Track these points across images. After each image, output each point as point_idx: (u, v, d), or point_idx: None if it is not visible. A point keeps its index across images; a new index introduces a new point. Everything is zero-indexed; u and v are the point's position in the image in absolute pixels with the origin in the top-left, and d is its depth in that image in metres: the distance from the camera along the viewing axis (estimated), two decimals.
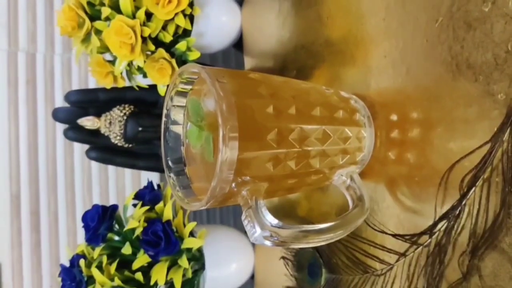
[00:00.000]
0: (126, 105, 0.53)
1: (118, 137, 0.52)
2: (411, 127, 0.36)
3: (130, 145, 0.54)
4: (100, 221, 0.45)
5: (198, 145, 0.36)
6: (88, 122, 0.51)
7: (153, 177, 0.80)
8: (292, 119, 0.33)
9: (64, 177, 0.72)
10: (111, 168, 0.77)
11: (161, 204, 0.49)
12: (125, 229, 0.46)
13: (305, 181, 0.36)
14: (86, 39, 0.47)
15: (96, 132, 0.53)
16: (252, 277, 0.55)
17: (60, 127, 0.73)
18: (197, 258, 0.49)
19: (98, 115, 0.52)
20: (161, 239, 0.45)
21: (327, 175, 0.37)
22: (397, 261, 0.37)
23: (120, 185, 0.77)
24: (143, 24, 0.46)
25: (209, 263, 0.50)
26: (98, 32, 0.47)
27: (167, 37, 0.48)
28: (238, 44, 0.58)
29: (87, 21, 0.45)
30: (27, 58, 0.71)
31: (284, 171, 0.33)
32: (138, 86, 0.52)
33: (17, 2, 0.70)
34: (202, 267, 0.50)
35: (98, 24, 0.46)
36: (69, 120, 0.53)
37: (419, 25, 0.35)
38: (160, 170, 0.57)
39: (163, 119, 0.39)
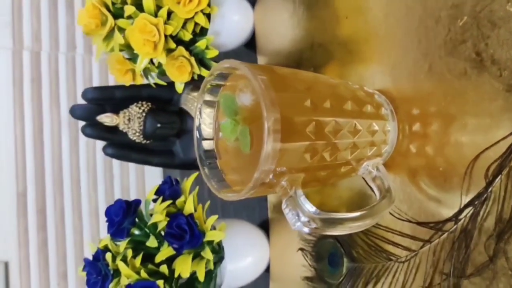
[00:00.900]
0: (144, 102, 0.54)
1: (137, 134, 0.53)
2: (434, 121, 0.38)
3: (147, 142, 0.54)
4: (125, 215, 0.46)
5: (233, 138, 0.37)
6: (107, 118, 0.52)
7: (156, 174, 0.81)
8: (327, 112, 0.35)
9: (69, 175, 0.72)
10: (115, 166, 0.77)
11: (181, 198, 0.50)
12: (149, 222, 0.47)
13: (336, 172, 0.38)
14: (107, 37, 0.48)
15: (112, 129, 0.54)
16: (267, 270, 0.57)
17: (65, 125, 0.73)
18: (216, 251, 0.51)
19: (115, 112, 0.53)
20: (186, 232, 0.46)
21: (354, 167, 0.39)
22: (421, 247, 0.39)
23: (124, 183, 0.78)
24: (165, 23, 0.47)
25: (227, 255, 0.51)
26: (121, 30, 0.48)
27: (187, 36, 0.49)
28: (249, 43, 0.59)
29: (111, 19, 0.46)
30: (32, 56, 0.71)
31: (319, 162, 0.35)
32: (156, 83, 0.53)
33: (21, 1, 0.70)
34: (219, 260, 0.52)
35: (121, 22, 0.47)
36: (87, 117, 0.53)
37: (441, 23, 0.37)
38: (173, 166, 0.58)
39: (196, 114, 0.40)
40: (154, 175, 0.81)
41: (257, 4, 0.58)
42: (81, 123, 0.75)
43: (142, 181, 0.80)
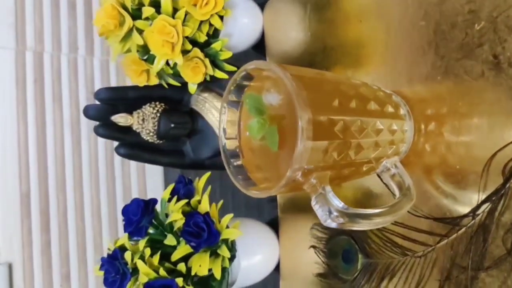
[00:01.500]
0: (157, 103, 0.54)
1: (151, 134, 0.53)
2: (450, 120, 0.40)
3: (160, 142, 0.55)
4: (143, 214, 0.47)
5: (259, 137, 0.38)
6: (121, 119, 0.52)
7: (157, 174, 0.81)
8: (353, 112, 0.36)
9: (72, 176, 0.72)
10: (117, 166, 0.77)
11: (195, 197, 0.51)
12: (167, 221, 0.47)
13: (358, 170, 0.39)
14: (124, 38, 0.48)
15: (125, 129, 0.54)
16: (275, 269, 0.58)
17: (67, 126, 0.73)
18: (230, 249, 0.51)
19: (127, 112, 0.54)
20: (203, 230, 0.47)
21: (374, 165, 0.40)
22: (438, 242, 0.41)
23: (126, 184, 0.78)
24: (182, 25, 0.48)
25: (240, 253, 0.52)
26: (138, 31, 0.48)
27: (202, 37, 0.50)
28: (257, 45, 0.60)
29: (129, 20, 0.47)
30: (35, 57, 0.70)
31: (345, 160, 0.36)
32: (167, 84, 0.54)
33: (24, 2, 0.70)
34: (232, 258, 0.52)
35: (139, 23, 0.48)
36: (100, 117, 0.53)
37: (458, 28, 0.39)
38: (183, 166, 0.59)
39: (220, 115, 0.41)
40: (154, 176, 0.82)
41: (266, 7, 0.59)
42: (83, 124, 0.76)
43: (143, 181, 0.80)
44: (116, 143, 0.57)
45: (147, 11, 0.47)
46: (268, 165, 0.40)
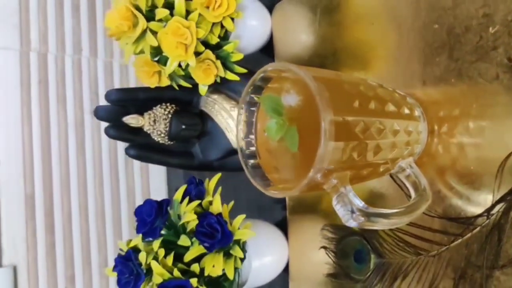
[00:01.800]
0: (168, 104, 0.54)
1: (162, 135, 0.53)
2: (464, 122, 0.41)
3: (171, 143, 0.55)
4: (157, 215, 0.47)
5: (277, 138, 0.38)
6: (133, 120, 0.52)
7: (160, 176, 0.81)
8: (373, 113, 0.37)
9: (76, 177, 0.72)
10: (120, 168, 0.77)
11: (206, 198, 0.51)
12: (181, 222, 0.47)
13: (375, 171, 0.40)
14: (137, 40, 0.49)
15: (135, 130, 0.54)
16: (284, 269, 0.58)
17: (72, 127, 0.73)
18: (241, 249, 0.52)
19: (138, 113, 0.54)
20: (217, 231, 0.47)
21: (390, 166, 0.41)
22: (452, 242, 0.41)
23: (130, 185, 0.78)
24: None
25: (251, 254, 0.53)
26: (152, 33, 0.48)
27: (214, 39, 0.51)
28: (265, 48, 0.61)
29: (143, 21, 0.47)
30: (39, 58, 0.70)
31: (364, 161, 0.37)
32: (177, 86, 0.54)
33: (28, 2, 0.69)
34: (242, 258, 0.53)
35: (153, 24, 0.48)
36: (111, 118, 0.53)
37: (472, 31, 0.40)
38: (192, 167, 0.59)
39: (238, 116, 0.41)
40: (157, 177, 0.82)
41: (275, 9, 0.59)
42: (87, 125, 0.76)
43: (146, 182, 0.80)
44: (125, 144, 0.57)
45: (161, 12, 0.47)
46: (285, 166, 0.41)
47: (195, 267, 0.47)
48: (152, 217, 0.47)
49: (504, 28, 0.38)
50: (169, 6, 0.49)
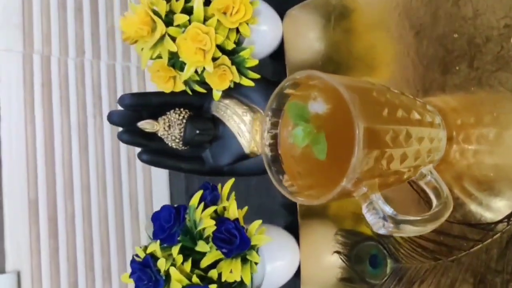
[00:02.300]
0: (182, 109, 0.54)
1: (177, 140, 0.53)
2: (483, 129, 0.42)
3: (185, 148, 0.55)
4: (175, 221, 0.47)
5: (303, 145, 0.38)
6: (148, 125, 0.52)
7: (163, 181, 0.81)
8: (400, 121, 0.37)
9: (79, 182, 0.71)
10: (123, 172, 0.76)
11: (221, 204, 0.51)
12: (199, 228, 0.47)
13: (400, 178, 0.40)
14: (155, 45, 0.48)
15: (148, 135, 0.54)
16: (296, 274, 0.58)
17: (75, 131, 0.72)
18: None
19: (151, 118, 0.53)
20: (235, 237, 0.47)
21: (412, 173, 0.41)
22: (472, 247, 0.42)
23: (132, 190, 0.77)
24: None
25: (265, 259, 0.53)
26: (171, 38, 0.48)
27: (230, 45, 0.51)
28: (274, 54, 0.61)
29: (162, 26, 0.47)
30: (42, 61, 0.69)
31: (392, 168, 0.37)
32: (192, 91, 0.54)
33: (31, 4, 0.68)
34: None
35: (171, 30, 0.48)
36: (124, 123, 0.53)
37: (493, 41, 0.41)
38: (203, 172, 0.59)
39: (265, 122, 0.41)
40: (160, 181, 0.81)
41: (286, 15, 0.60)
42: (90, 129, 0.75)
43: (149, 187, 0.80)
44: (127, 148, 0.56)
45: (180, 18, 0.47)
46: (311, 173, 0.41)
47: (213, 273, 0.47)
48: (170, 223, 0.46)
49: None
50: (187, 11, 0.49)
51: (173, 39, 0.48)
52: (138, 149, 0.81)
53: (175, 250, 0.46)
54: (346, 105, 0.35)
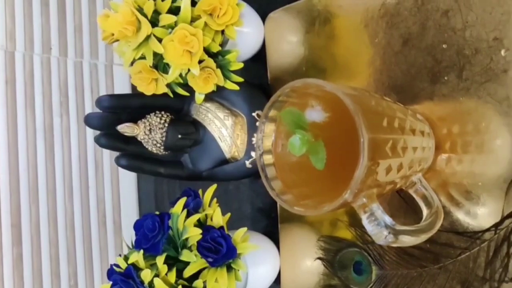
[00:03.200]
0: (163, 113, 0.52)
1: (158, 145, 0.51)
2: (472, 138, 0.42)
3: (166, 153, 0.53)
4: (160, 230, 0.45)
5: (301, 154, 0.38)
6: (128, 129, 0.50)
7: (131, 184, 0.78)
8: (398, 131, 0.37)
9: (45, 186, 0.67)
10: (91, 175, 0.73)
11: (206, 211, 0.50)
12: (184, 236, 0.46)
13: (394, 187, 0.40)
14: (139, 46, 0.46)
15: (126, 139, 0.52)
16: (276, 281, 0.57)
17: (40, 131, 0.68)
18: None
19: (130, 121, 0.51)
20: (221, 245, 0.46)
21: (404, 182, 0.41)
22: (459, 255, 0.43)
23: (100, 194, 0.74)
24: None
25: (248, 266, 0.52)
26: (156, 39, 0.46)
27: (215, 47, 0.49)
28: (255, 57, 0.60)
29: (148, 27, 0.45)
30: (6, 56, 0.65)
31: (390, 178, 0.37)
32: (173, 93, 0.52)
33: None
34: None
35: (157, 30, 0.46)
36: (103, 126, 0.50)
37: (483, 53, 0.41)
38: (182, 177, 0.57)
39: (259, 130, 0.40)
40: (128, 184, 0.78)
41: (268, 18, 0.59)
42: (56, 130, 0.71)
43: (116, 189, 0.77)
44: (96, 149, 0.54)
45: (167, 18, 0.45)
46: (306, 182, 0.40)
47: (199, 283, 0.45)
48: (155, 232, 0.45)
49: None
50: (172, 11, 0.47)
51: (159, 40, 0.46)
52: (106, 151, 0.78)
53: (160, 260, 0.45)
54: (348, 115, 0.34)
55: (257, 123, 0.57)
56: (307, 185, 0.40)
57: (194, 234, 0.46)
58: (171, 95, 0.52)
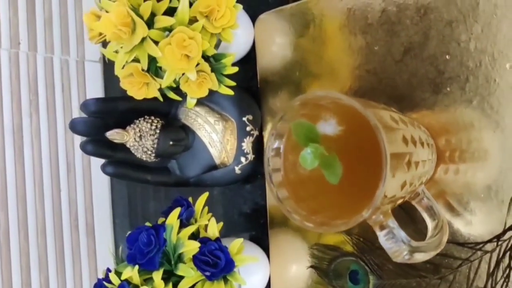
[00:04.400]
0: (153, 118, 0.50)
1: (149, 152, 0.48)
2: (474, 151, 0.43)
3: (156, 160, 0.51)
4: (156, 245, 0.43)
5: (312, 167, 0.36)
6: (117, 135, 0.46)
7: (104, 187, 0.74)
8: (410, 146, 0.37)
9: (15, 190, 0.63)
10: (62, 178, 0.69)
11: (199, 222, 0.48)
12: (180, 250, 0.44)
13: (403, 200, 0.40)
14: (133, 48, 0.44)
15: (113, 145, 0.49)
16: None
17: (9, 133, 0.63)
18: None
19: (117, 126, 0.48)
20: (219, 259, 0.44)
21: (411, 195, 0.41)
22: (460, 266, 0.43)
23: (72, 197, 0.70)
24: None
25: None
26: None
27: (211, 51, 0.47)
28: (244, 59, 0.58)
29: (145, 29, 0.42)
30: None
31: (403, 193, 0.37)
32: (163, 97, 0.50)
33: None
34: None
35: (153, 33, 0.43)
36: (90, 132, 0.47)
37: (486, 65, 0.42)
38: (169, 184, 0.55)
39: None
40: (101, 188, 0.75)
41: (258, 20, 0.57)
42: (26, 130, 0.67)
43: (89, 192, 0.73)
44: (67, 152, 0.51)
45: (164, 21, 0.43)
46: (315, 196, 0.39)
47: None
48: (151, 247, 0.42)
49: None
50: (167, 12, 0.45)
51: (155, 42, 0.43)
52: (78, 152, 0.74)
53: (157, 275, 0.42)
54: (365, 129, 0.33)
55: (247, 128, 0.55)
56: (317, 199, 0.39)
57: (191, 248, 0.44)
58: (161, 99, 0.49)
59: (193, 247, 0.44)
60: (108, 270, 0.46)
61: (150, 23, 0.44)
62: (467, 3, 0.42)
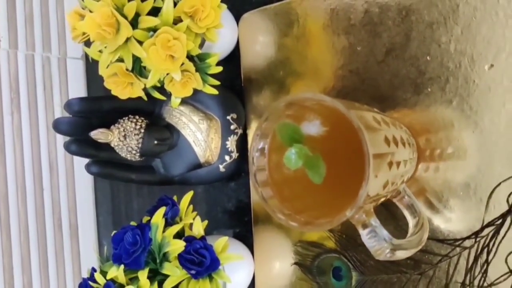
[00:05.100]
0: (138, 117, 0.50)
1: (133, 152, 0.48)
2: (453, 150, 0.44)
3: (141, 159, 0.51)
4: (141, 244, 0.43)
5: (296, 167, 0.37)
6: (102, 135, 0.46)
7: (87, 186, 0.74)
8: (392, 146, 0.38)
9: None
10: (45, 177, 0.68)
11: (184, 220, 0.48)
12: (166, 249, 0.44)
13: (385, 199, 0.41)
14: (118, 48, 0.43)
15: (97, 145, 0.49)
16: (250, 286, 0.57)
17: None
18: None
19: (102, 126, 0.48)
20: (205, 257, 0.45)
21: (392, 193, 0.42)
22: (439, 262, 0.44)
23: (55, 196, 0.70)
24: None
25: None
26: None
27: (196, 51, 0.47)
28: (228, 58, 0.58)
29: (129, 29, 0.42)
30: None
31: (385, 192, 0.38)
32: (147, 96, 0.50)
33: None
34: None
35: (138, 33, 0.43)
36: (74, 132, 0.47)
37: (466, 67, 0.43)
38: (154, 182, 0.55)
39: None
40: (84, 186, 0.74)
41: (242, 19, 0.57)
42: (7, 128, 0.66)
43: (72, 192, 0.72)
44: (49, 149, 0.51)
45: (149, 21, 0.43)
46: (299, 196, 0.40)
47: None
48: (137, 247, 0.42)
49: (499, 67, 0.41)
50: (151, 13, 0.45)
51: (139, 43, 0.43)
52: (60, 150, 0.74)
53: (142, 275, 0.43)
54: (348, 130, 0.34)
55: (231, 127, 0.55)
56: (301, 199, 0.39)
57: (177, 247, 0.44)
58: (146, 98, 0.50)
59: (179, 246, 0.44)
60: (93, 269, 0.46)
61: (134, 23, 0.44)
62: (447, 5, 0.43)
